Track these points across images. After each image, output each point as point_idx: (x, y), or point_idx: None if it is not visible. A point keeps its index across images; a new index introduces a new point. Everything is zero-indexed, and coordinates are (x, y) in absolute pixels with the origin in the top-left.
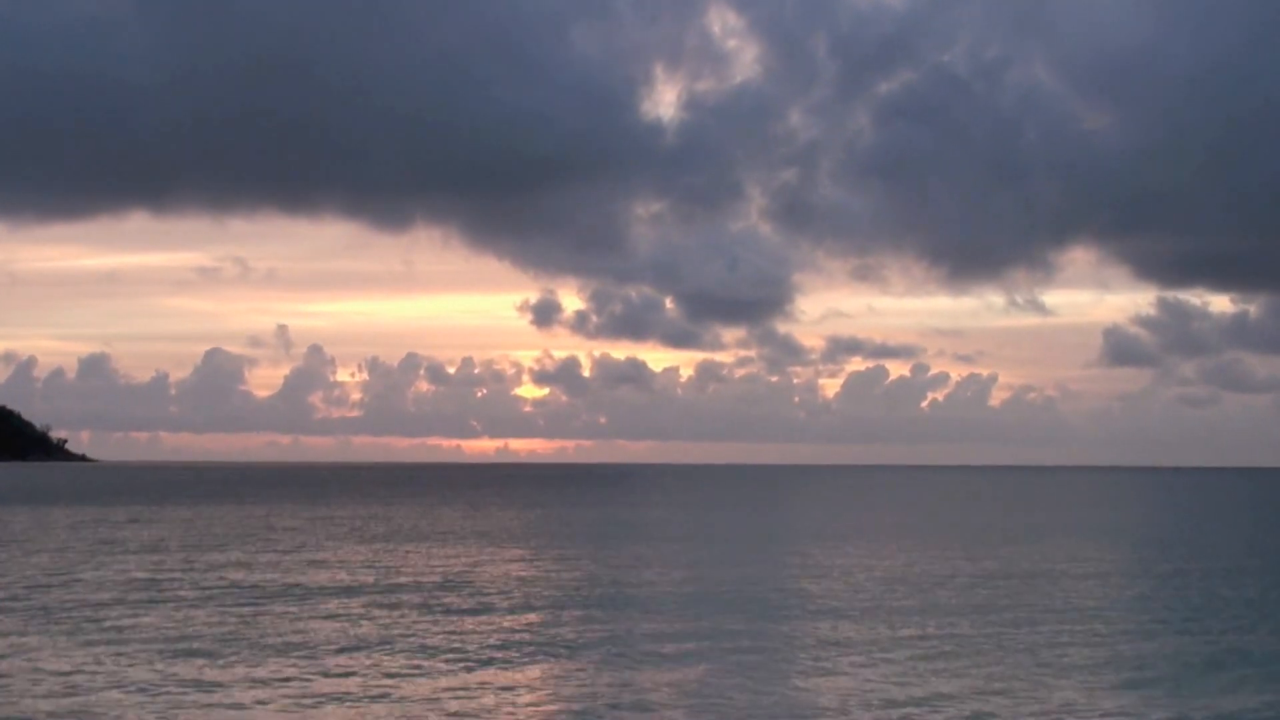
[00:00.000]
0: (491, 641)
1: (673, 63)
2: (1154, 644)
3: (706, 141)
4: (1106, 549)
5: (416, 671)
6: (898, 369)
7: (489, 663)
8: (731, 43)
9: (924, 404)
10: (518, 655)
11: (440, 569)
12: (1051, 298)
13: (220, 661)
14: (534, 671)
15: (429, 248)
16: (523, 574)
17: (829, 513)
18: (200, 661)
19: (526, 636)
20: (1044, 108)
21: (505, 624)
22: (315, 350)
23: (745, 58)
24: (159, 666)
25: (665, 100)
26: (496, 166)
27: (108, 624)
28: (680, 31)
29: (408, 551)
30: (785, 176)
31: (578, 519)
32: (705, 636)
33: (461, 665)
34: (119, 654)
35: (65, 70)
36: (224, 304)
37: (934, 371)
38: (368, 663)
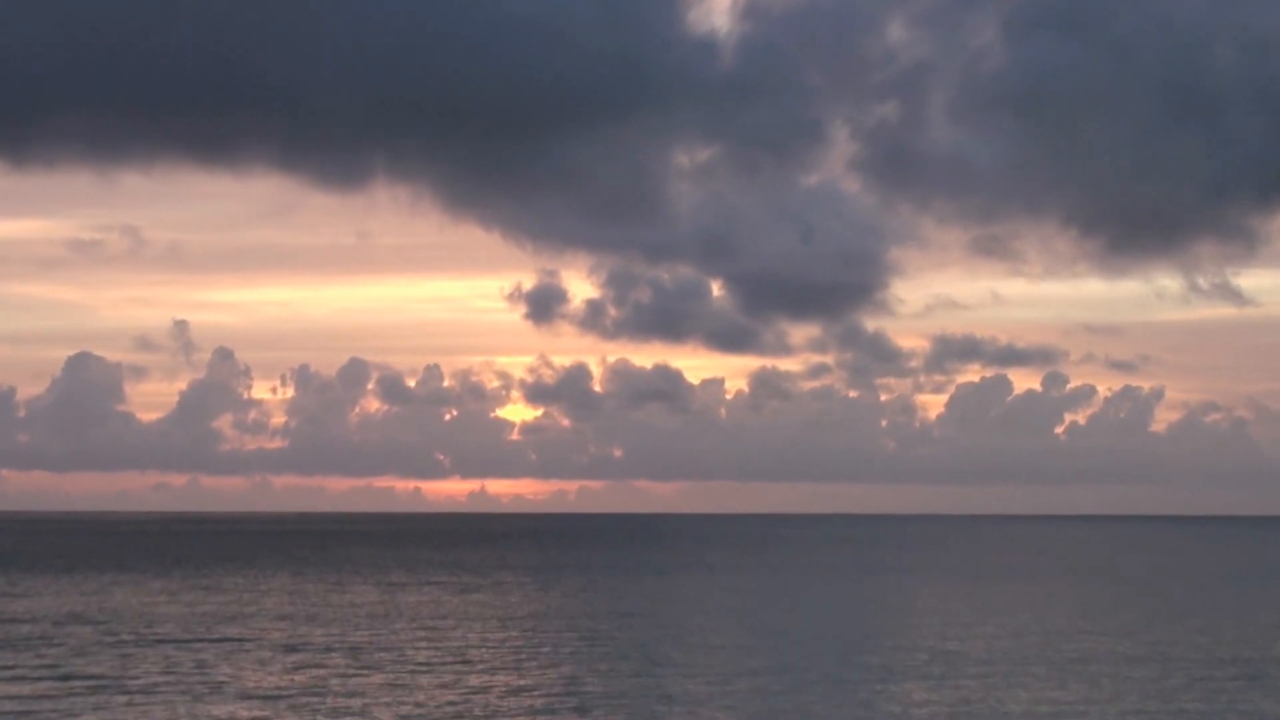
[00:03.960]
0: None
1: None
2: None
3: (774, 64)
4: None
5: None
6: (1025, 380)
7: None
8: None
9: (1059, 429)
10: None
11: None
12: (1250, 281)
13: None
14: None
15: (390, 213)
16: None
17: (971, 598)
18: None
19: None
20: (1244, 13)
21: None
22: (224, 355)
23: None
24: None
25: (719, 7)
26: (485, 101)
27: None
28: None
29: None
30: (881, 113)
31: (576, 607)
32: None
33: None
34: None
35: None
36: (99, 291)
37: (1075, 384)
38: None
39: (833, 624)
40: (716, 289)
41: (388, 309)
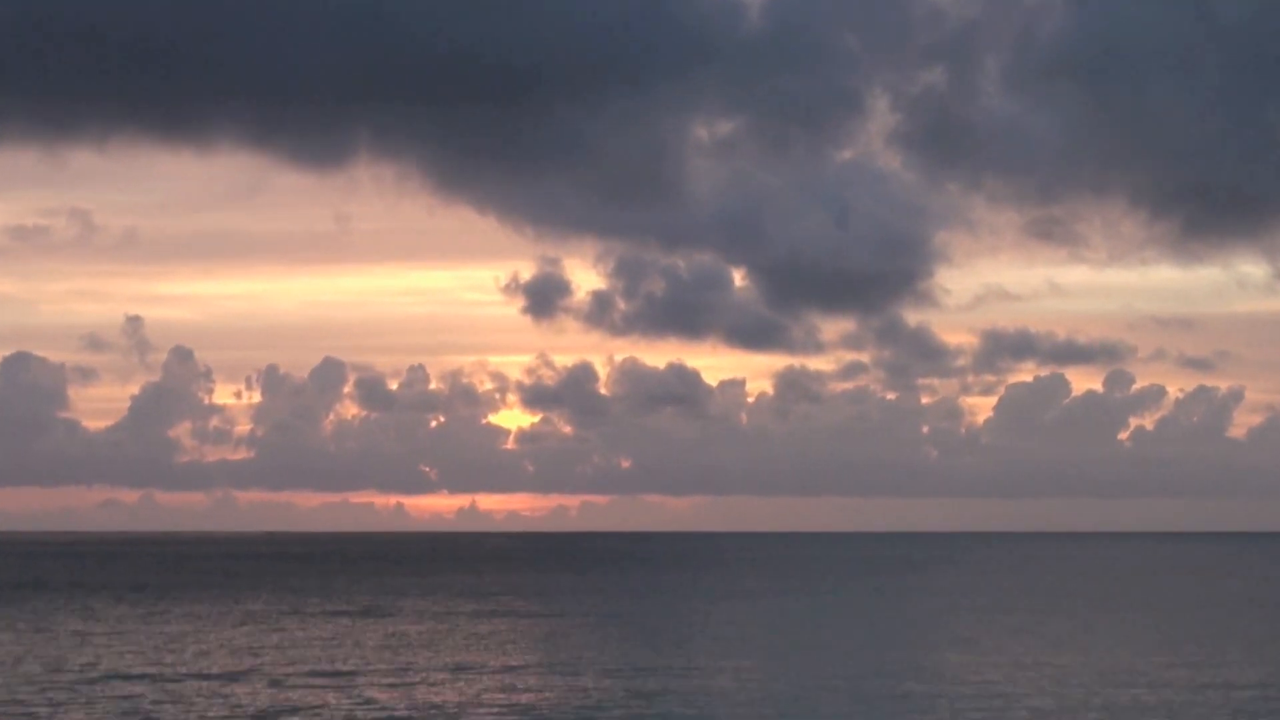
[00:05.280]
0: None
1: None
2: None
3: (806, 25)
4: None
5: None
6: (1086, 380)
7: None
8: None
9: (1124, 435)
10: None
11: None
12: None
13: None
14: None
15: (372, 194)
16: None
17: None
18: None
19: None
20: None
21: None
22: (182, 355)
23: None
24: None
25: None
26: (480, 67)
27: None
28: None
29: None
30: (927, 79)
31: (584, 644)
32: None
33: None
34: None
35: None
36: (42, 284)
37: (1142, 384)
38: None
39: (889, 661)
40: (739, 279)
41: (368, 302)
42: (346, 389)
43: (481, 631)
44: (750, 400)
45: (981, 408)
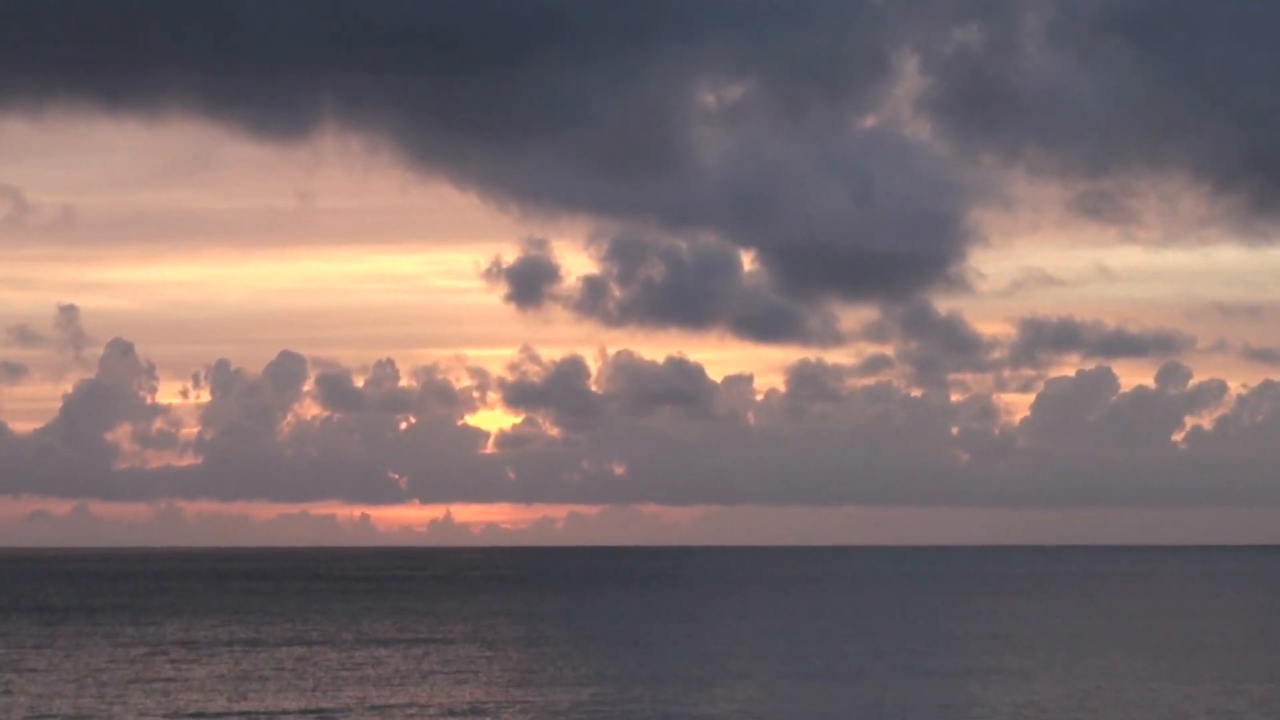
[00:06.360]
0: None
1: None
2: None
3: None
4: None
5: None
6: (1137, 374)
7: None
8: None
9: (1179, 436)
10: None
11: None
12: None
13: None
14: None
15: (338, 168)
16: None
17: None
18: None
19: None
20: None
21: None
22: (122, 350)
23: None
24: None
25: None
26: (460, 27)
27: None
28: None
29: None
30: (961, 37)
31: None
32: None
33: None
34: None
35: None
36: None
37: (1200, 378)
38: None
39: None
40: (748, 262)
41: (331, 289)
42: (306, 387)
43: (453, 661)
44: (759, 398)
45: (1019, 406)
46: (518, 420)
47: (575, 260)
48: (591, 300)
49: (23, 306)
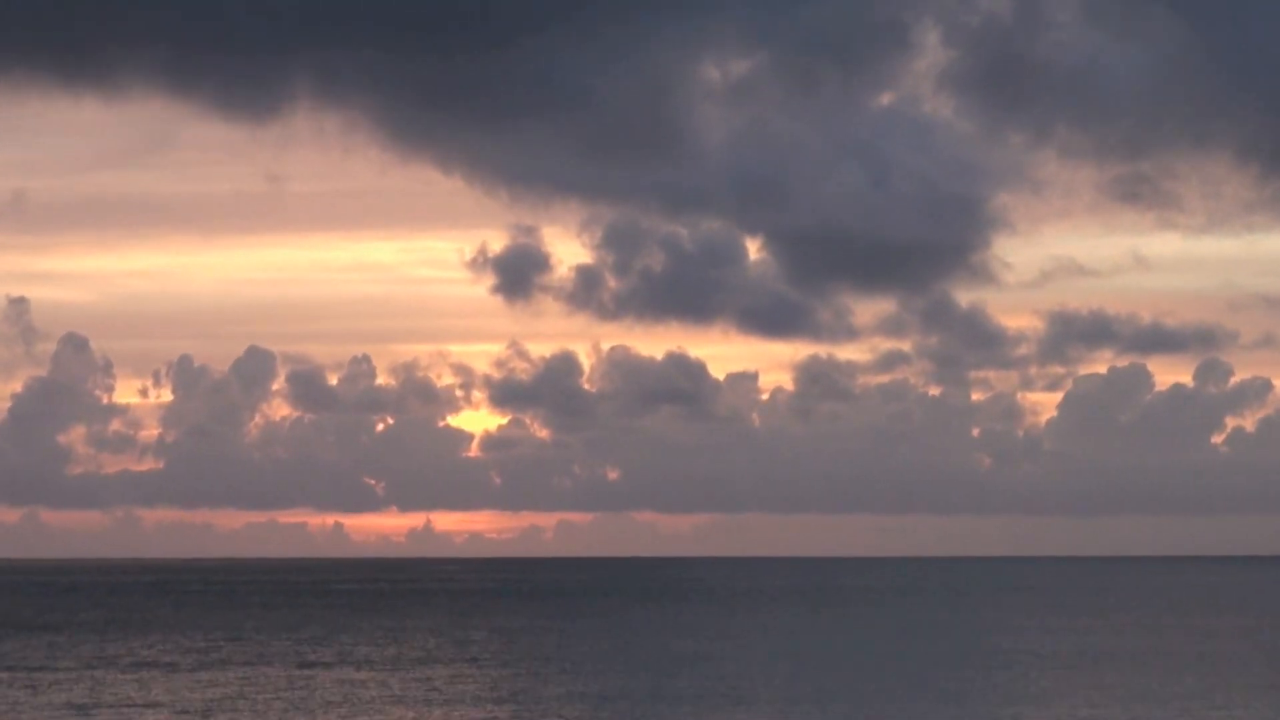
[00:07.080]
0: None
1: None
2: None
3: None
4: None
5: None
6: (1174, 371)
7: None
8: None
9: (1219, 438)
10: None
11: None
12: None
13: None
14: None
15: (312, 149)
16: None
17: None
18: None
19: None
20: None
21: None
22: (76, 345)
23: None
24: None
25: None
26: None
27: None
28: None
29: None
30: (987, 7)
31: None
32: None
33: None
34: None
35: None
36: None
37: (1243, 376)
38: None
39: None
40: (754, 250)
41: (303, 279)
42: (276, 385)
43: (432, 680)
44: (765, 398)
45: (1046, 406)
46: (504, 421)
47: (567, 248)
48: (585, 292)
49: None
